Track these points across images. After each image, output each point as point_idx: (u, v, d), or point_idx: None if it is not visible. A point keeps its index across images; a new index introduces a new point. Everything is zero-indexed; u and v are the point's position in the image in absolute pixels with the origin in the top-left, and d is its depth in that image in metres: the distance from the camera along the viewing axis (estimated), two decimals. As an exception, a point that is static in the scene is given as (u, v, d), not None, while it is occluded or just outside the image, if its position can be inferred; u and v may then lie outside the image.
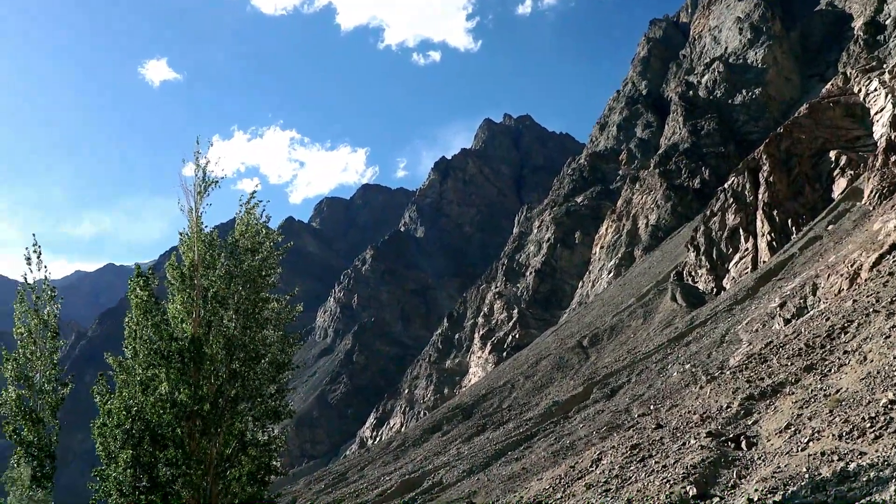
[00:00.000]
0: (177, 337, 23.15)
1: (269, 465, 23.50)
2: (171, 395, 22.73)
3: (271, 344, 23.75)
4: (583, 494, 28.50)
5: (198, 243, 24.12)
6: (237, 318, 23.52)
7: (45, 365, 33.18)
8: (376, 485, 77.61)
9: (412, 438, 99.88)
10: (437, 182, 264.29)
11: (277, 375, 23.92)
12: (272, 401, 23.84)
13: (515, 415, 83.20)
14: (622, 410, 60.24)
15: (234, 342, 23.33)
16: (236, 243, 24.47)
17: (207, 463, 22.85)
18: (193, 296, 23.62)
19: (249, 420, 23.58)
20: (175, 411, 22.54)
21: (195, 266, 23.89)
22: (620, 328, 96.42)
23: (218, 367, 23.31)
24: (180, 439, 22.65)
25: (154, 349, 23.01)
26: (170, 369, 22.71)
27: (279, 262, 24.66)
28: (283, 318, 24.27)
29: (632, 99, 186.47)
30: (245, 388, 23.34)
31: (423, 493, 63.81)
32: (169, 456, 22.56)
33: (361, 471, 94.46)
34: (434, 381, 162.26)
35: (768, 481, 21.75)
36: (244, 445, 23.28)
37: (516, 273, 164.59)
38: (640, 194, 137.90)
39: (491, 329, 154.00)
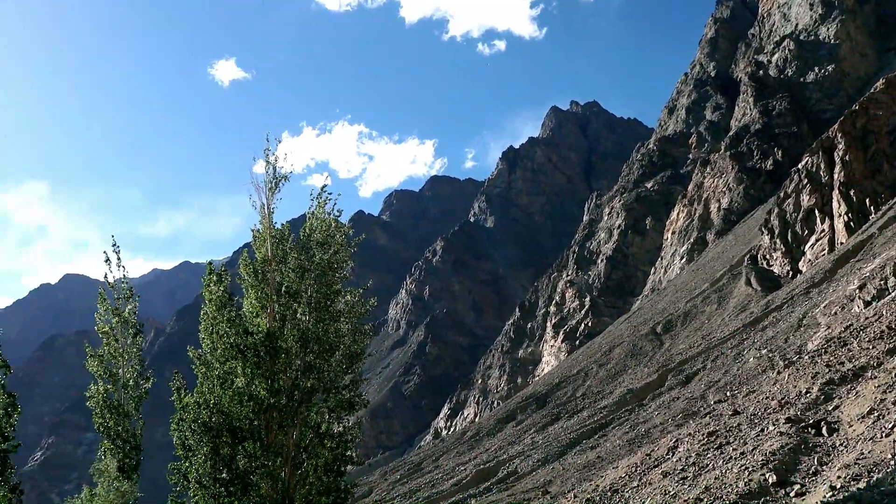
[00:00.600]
0: (252, 331, 23.54)
1: (345, 455, 23.76)
2: (247, 388, 23.14)
3: (345, 336, 23.98)
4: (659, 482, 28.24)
5: (270, 239, 24.48)
6: (310, 312, 23.80)
7: (128, 361, 34.10)
8: (451, 475, 77.90)
9: (486, 428, 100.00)
10: (505, 171, 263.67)
11: (351, 367, 24.16)
12: (347, 392, 24.08)
13: (589, 403, 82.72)
14: (698, 397, 59.49)
15: (308, 335, 23.60)
16: (308, 237, 24.76)
17: (285, 454, 23.21)
18: (267, 291, 23.99)
19: (325, 411, 23.87)
20: (252, 404, 22.95)
21: (268, 261, 24.26)
22: (694, 314, 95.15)
23: (293, 360, 23.63)
24: (258, 432, 23.05)
25: (230, 344, 23.44)
26: (246, 363, 23.11)
27: (351, 256, 24.90)
28: (358, 311, 24.49)
29: (700, 81, 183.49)
30: (320, 380, 23.61)
31: (497, 483, 63.86)
32: (247, 448, 22.98)
33: (436, 461, 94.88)
34: (507, 370, 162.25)
35: (851, 468, 21.28)
36: (320, 437, 23.56)
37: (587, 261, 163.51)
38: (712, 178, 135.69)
39: (563, 318, 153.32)
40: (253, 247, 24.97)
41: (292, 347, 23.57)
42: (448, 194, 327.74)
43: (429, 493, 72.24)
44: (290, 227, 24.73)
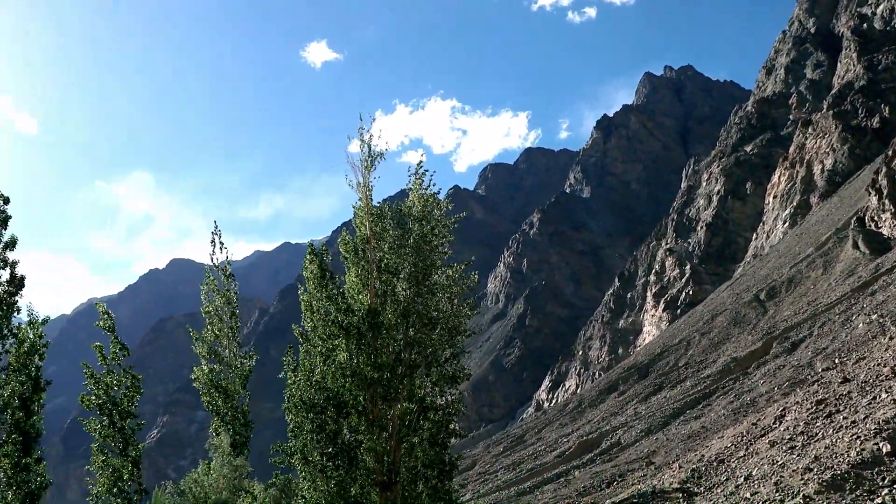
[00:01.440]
0: (353, 308, 23.95)
1: (448, 428, 24.03)
2: (350, 364, 23.58)
3: (445, 310, 24.20)
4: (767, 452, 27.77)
5: (368, 216, 24.83)
6: (409, 287, 24.09)
7: (231, 340, 35.20)
8: (554, 446, 77.92)
9: (588, 399, 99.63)
10: (600, 140, 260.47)
11: (452, 340, 24.38)
12: (448, 365, 24.32)
13: (692, 373, 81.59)
14: (804, 365, 58.12)
15: (408, 310, 23.91)
16: (407, 214, 25.03)
17: (389, 429, 23.61)
18: (367, 267, 24.37)
19: (428, 385, 24.17)
20: (356, 380, 23.38)
21: (367, 239, 24.62)
22: (799, 279, 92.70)
23: (394, 335, 23.97)
24: (362, 406, 23.49)
25: (332, 321, 23.90)
26: (349, 340, 23.55)
27: (450, 230, 25.08)
28: (460, 286, 24.67)
29: (799, 38, 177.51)
30: (421, 355, 23.91)
31: (601, 454, 63.64)
32: (352, 423, 23.44)
33: (539, 433, 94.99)
34: (608, 341, 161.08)
35: (969, 434, 20.59)
36: (424, 410, 23.87)
37: (687, 228, 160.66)
38: (814, 138, 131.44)
39: (663, 286, 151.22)
40: (353, 224, 25.38)
41: (393, 322, 23.89)
42: (543, 166, 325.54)
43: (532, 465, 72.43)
44: (389, 204, 25.02)
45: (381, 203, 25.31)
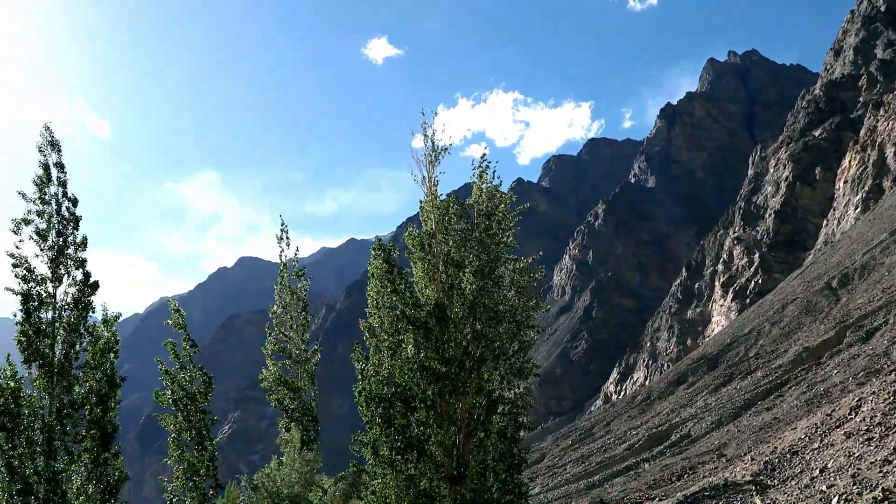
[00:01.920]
0: (420, 302, 24.07)
1: (517, 421, 24.03)
2: (418, 358, 23.70)
3: (511, 304, 24.20)
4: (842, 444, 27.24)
5: (434, 210, 24.92)
6: (476, 280, 24.12)
7: (300, 337, 35.67)
8: (623, 439, 77.37)
9: (657, 391, 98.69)
10: (664, 129, 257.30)
11: (519, 334, 24.36)
12: (516, 359, 24.30)
13: (763, 363, 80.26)
14: (880, 354, 56.79)
15: (475, 304, 23.94)
16: (471, 207, 25.08)
17: (458, 422, 23.68)
18: (434, 261, 24.47)
19: (496, 379, 24.19)
20: (424, 374, 23.49)
21: (433, 233, 24.72)
22: (873, 266, 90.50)
23: (462, 329, 24.02)
24: (430, 400, 23.58)
25: (398, 315, 24.05)
26: (416, 334, 23.66)
27: (514, 223, 25.06)
28: (526, 280, 24.65)
29: (869, 18, 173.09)
30: (489, 348, 23.92)
31: (671, 447, 63.05)
32: (420, 417, 23.56)
33: (607, 426, 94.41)
34: (676, 332, 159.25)
35: None
36: (492, 404, 23.89)
37: (754, 216, 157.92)
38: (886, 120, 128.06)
39: (731, 276, 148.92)
40: (419, 219, 25.50)
41: (461, 316, 23.95)
42: (606, 156, 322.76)
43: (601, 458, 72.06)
44: (455, 198, 25.08)
45: (446, 197, 25.37)
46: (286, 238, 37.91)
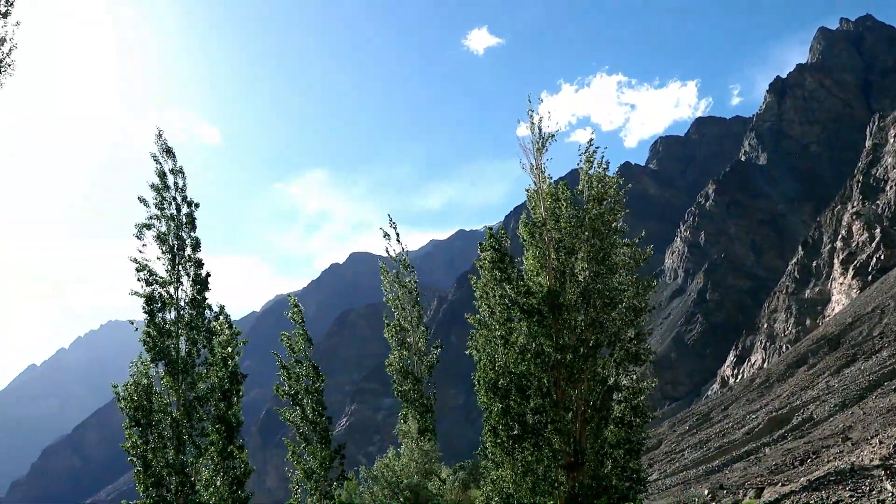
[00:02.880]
0: (532, 290, 24.14)
1: (634, 408, 23.89)
2: (532, 346, 23.79)
3: (625, 289, 24.04)
4: (977, 423, 26.19)
5: (543, 198, 24.94)
6: (589, 266, 24.04)
7: (416, 329, 36.21)
8: (742, 423, 75.91)
9: (776, 374, 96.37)
10: (774, 104, 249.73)
11: (635, 319, 24.19)
12: (632, 345, 24.15)
13: (889, 342, 77.45)
14: None
15: (588, 290, 23.87)
16: (580, 193, 25.00)
17: (574, 409, 23.68)
18: (545, 249, 24.50)
19: (612, 365, 24.09)
20: (538, 362, 23.55)
21: (543, 220, 24.74)
22: None
23: (575, 316, 23.98)
24: (546, 388, 23.64)
25: (509, 304, 24.18)
26: (529, 322, 23.74)
27: (624, 207, 24.88)
28: (636, 262, 24.47)
29: None
30: (604, 335, 23.82)
31: (792, 430, 61.56)
32: (536, 404, 23.64)
33: (725, 410, 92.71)
34: (794, 312, 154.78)
35: None
36: (609, 390, 23.82)
37: (874, 189, 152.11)
38: None
39: (851, 252, 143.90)
40: (528, 207, 25.58)
41: (574, 303, 23.92)
42: (715, 135, 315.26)
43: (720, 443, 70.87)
44: (565, 184, 25.06)
45: (555, 184, 25.37)
46: (394, 233, 38.51)
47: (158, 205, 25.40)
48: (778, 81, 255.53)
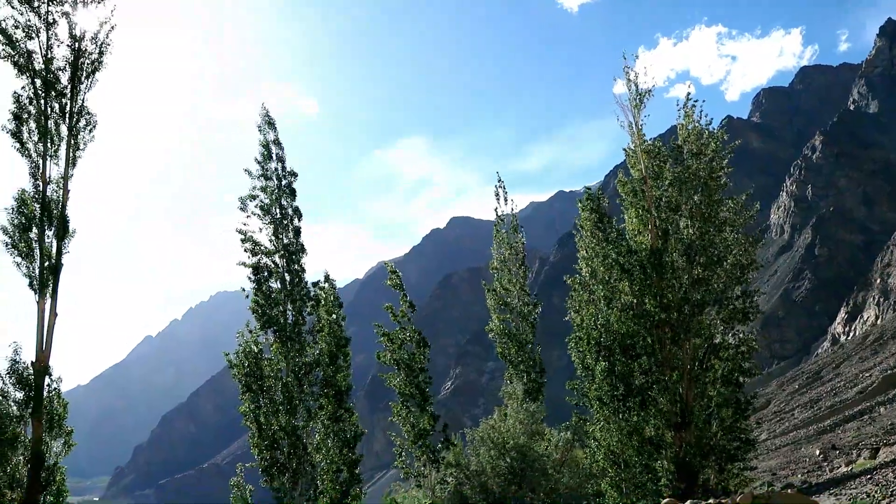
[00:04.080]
0: (634, 249, 23.94)
1: (741, 366, 23.53)
2: (635, 306, 23.64)
3: (731, 246, 23.61)
4: None
5: (643, 155, 24.63)
6: (692, 224, 23.69)
7: (519, 290, 36.28)
8: (854, 382, 73.93)
9: (890, 331, 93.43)
10: (885, 48, 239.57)
11: (741, 277, 23.77)
12: (738, 302, 23.75)
13: None
14: None
15: (693, 248, 23.54)
16: (680, 149, 24.58)
17: (680, 368, 23.47)
18: (646, 207, 24.22)
19: (717, 323, 23.75)
20: (642, 321, 23.40)
21: (644, 178, 24.45)
22: None
23: (679, 274, 23.70)
24: (651, 348, 23.48)
25: (613, 264, 24.03)
26: (632, 282, 23.59)
27: (726, 162, 24.37)
28: (741, 219, 23.98)
29: None
30: (709, 293, 23.48)
31: (910, 388, 59.64)
32: (641, 364, 23.52)
33: (836, 368, 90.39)
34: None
35: None
36: (715, 349, 23.51)
37: None
38: None
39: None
40: (628, 165, 25.31)
41: (678, 261, 23.64)
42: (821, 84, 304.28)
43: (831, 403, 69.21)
44: (661, 141, 24.72)
45: (654, 141, 25.01)
46: (503, 194, 38.57)
47: (261, 176, 26.07)
48: (890, 24, 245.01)
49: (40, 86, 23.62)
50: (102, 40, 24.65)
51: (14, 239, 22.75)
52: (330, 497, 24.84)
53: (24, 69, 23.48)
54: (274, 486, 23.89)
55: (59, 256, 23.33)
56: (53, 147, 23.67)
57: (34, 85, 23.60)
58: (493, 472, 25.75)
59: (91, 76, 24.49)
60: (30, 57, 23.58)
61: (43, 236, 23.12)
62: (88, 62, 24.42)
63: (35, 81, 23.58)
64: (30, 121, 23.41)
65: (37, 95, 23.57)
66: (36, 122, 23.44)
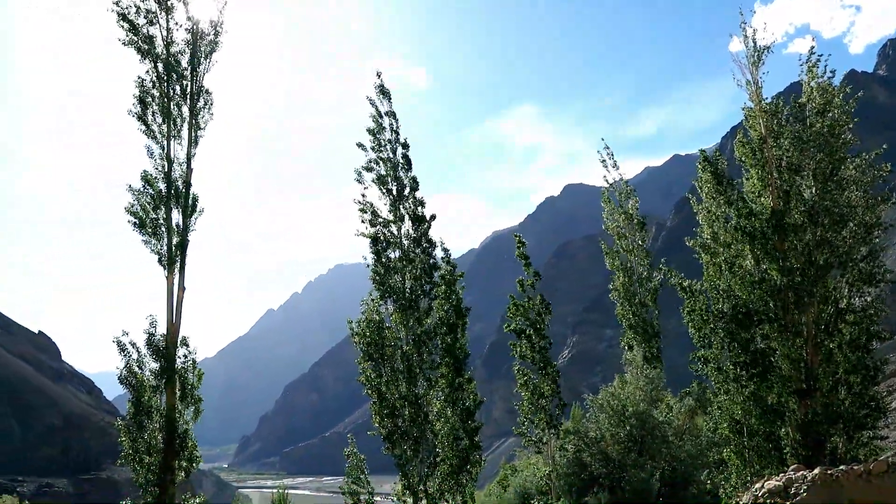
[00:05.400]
0: (755, 212, 23.30)
1: (869, 331, 22.70)
2: (756, 270, 23.06)
3: (856, 206, 22.71)
4: None
5: (761, 115, 23.90)
6: (815, 184, 22.92)
7: (638, 255, 35.92)
8: None
9: None
10: None
11: (867, 237, 22.85)
12: (865, 264, 22.88)
13: None
14: None
15: (815, 209, 22.78)
16: (802, 107, 23.74)
17: (804, 334, 22.80)
18: (766, 168, 23.54)
19: (843, 286, 22.96)
20: (763, 286, 22.81)
21: (763, 138, 23.74)
22: None
23: (802, 237, 22.98)
24: (773, 313, 22.88)
25: (733, 227, 23.46)
26: (753, 245, 22.99)
27: (851, 119, 23.41)
28: (868, 178, 23.01)
29: None
30: (834, 255, 22.70)
31: None
32: (763, 330, 22.95)
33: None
34: None
35: None
36: (840, 313, 22.75)
37: None
38: None
39: None
40: (746, 126, 24.61)
41: (800, 223, 22.92)
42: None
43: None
44: (782, 99, 23.91)
45: (774, 99, 24.21)
46: (610, 159, 38.09)
47: (375, 147, 26.42)
48: None
49: (162, 70, 24.61)
50: (218, 21, 25.55)
51: (142, 218, 23.77)
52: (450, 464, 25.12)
53: (147, 54, 24.53)
54: (395, 454, 24.36)
55: (186, 233, 24.30)
56: (176, 128, 24.66)
57: (156, 69, 24.60)
58: (612, 439, 25.65)
59: (208, 57, 25.41)
60: (151, 42, 24.61)
61: (170, 214, 24.12)
62: (205, 44, 25.33)
63: (157, 66, 24.58)
64: (153, 104, 24.45)
65: (159, 79, 24.56)
66: (159, 105, 24.48)
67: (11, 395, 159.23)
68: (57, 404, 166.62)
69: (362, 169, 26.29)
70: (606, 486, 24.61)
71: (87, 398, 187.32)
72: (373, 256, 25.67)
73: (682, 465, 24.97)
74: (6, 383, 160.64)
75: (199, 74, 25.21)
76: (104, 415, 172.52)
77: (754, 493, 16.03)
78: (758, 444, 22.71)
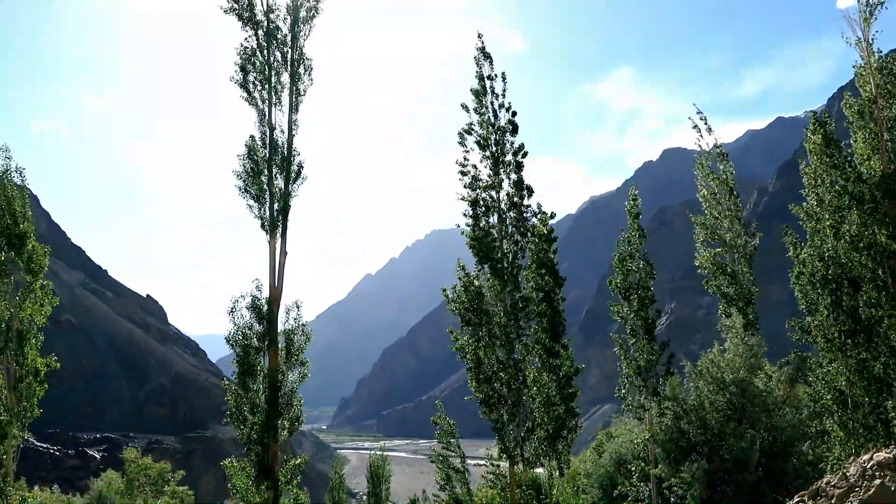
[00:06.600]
0: (863, 176, 22.51)
1: None
2: (864, 236, 22.31)
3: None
4: None
5: (872, 74, 22.93)
6: (928, 146, 22.04)
7: (732, 222, 35.03)
8: None
9: None
10: None
11: None
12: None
13: None
14: None
15: (928, 171, 21.94)
16: (917, 63, 22.74)
17: (915, 301, 22.06)
18: (876, 130, 22.66)
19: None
20: (871, 252, 22.09)
21: (874, 98, 22.83)
22: None
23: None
24: (881, 280, 22.16)
25: (840, 191, 22.70)
26: (860, 209, 22.22)
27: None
28: None
29: None
30: (947, 219, 21.85)
31: None
32: (870, 297, 22.26)
33: None
34: None
35: None
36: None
37: None
38: None
39: None
40: (856, 85, 23.64)
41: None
42: None
43: None
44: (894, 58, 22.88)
45: (887, 56, 23.17)
46: (703, 125, 37.20)
47: (478, 109, 26.18)
48: None
49: (262, 36, 24.89)
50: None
51: (246, 183, 24.25)
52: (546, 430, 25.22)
53: (248, 21, 24.82)
54: (492, 418, 24.42)
55: (288, 198, 24.70)
56: (277, 95, 24.96)
57: (257, 36, 24.90)
58: (711, 406, 25.23)
59: (308, 23, 25.52)
60: (252, 9, 24.89)
61: (272, 180, 24.52)
62: (305, 10, 25.45)
63: (258, 32, 24.88)
64: (254, 71, 24.76)
65: (260, 46, 24.86)
66: (260, 72, 24.81)
67: (123, 356, 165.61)
68: (165, 365, 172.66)
69: (464, 131, 26.13)
70: (705, 453, 24.25)
71: (193, 360, 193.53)
72: (471, 220, 25.54)
73: (783, 434, 24.43)
74: (118, 346, 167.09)
75: (300, 41, 25.41)
76: (209, 376, 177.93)
77: (862, 465, 15.59)
78: (863, 416, 22.12)
